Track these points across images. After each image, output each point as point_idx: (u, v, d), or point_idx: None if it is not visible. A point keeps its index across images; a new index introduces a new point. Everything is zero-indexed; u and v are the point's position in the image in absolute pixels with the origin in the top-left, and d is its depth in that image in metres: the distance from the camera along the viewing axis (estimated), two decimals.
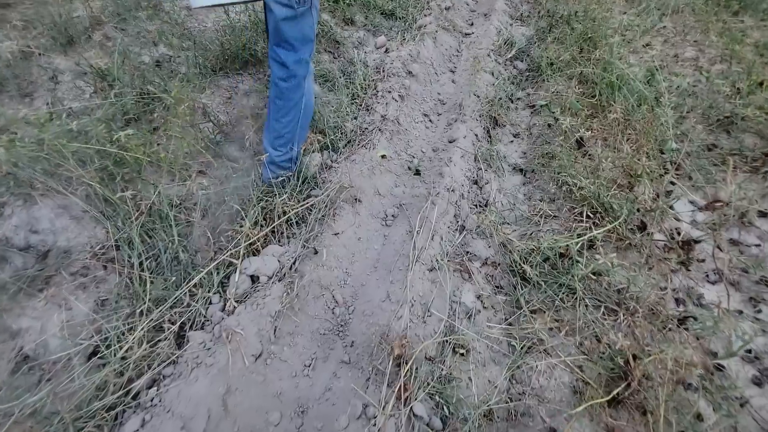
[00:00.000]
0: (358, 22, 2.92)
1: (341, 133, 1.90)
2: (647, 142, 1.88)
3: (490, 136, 2.06)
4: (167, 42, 2.31)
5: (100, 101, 1.64)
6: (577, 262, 1.31)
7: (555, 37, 2.83)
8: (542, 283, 1.33)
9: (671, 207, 1.78)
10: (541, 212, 1.60)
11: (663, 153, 1.92)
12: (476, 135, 2.01)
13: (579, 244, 1.37)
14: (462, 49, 2.87)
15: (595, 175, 1.64)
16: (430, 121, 2.16)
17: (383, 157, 1.70)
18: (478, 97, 2.26)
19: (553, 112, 2.01)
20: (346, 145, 1.83)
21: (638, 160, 1.70)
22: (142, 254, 1.29)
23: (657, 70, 2.56)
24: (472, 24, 3.31)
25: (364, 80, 2.23)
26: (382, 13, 3.17)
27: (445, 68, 2.61)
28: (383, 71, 2.20)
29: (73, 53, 2.21)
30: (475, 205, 1.68)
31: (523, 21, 3.29)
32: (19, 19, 2.20)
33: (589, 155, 1.84)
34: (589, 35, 2.58)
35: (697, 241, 1.41)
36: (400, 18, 3.16)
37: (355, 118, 2.02)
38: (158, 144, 1.52)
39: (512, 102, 2.41)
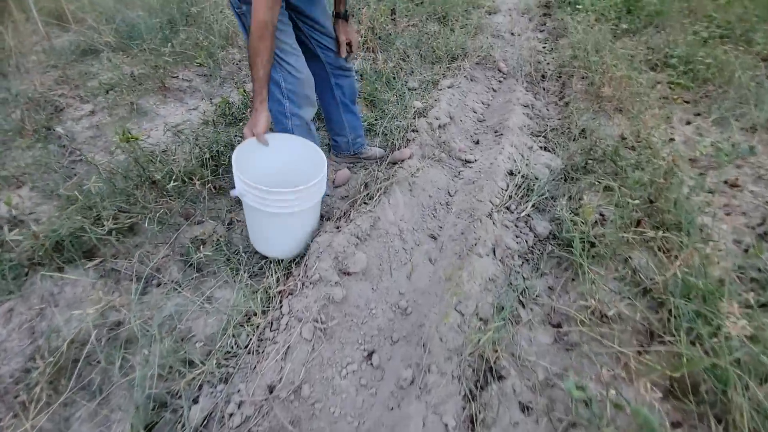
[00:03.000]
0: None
1: None
2: None
3: (473, 421, 1.11)
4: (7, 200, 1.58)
5: None
6: None
7: (595, 181, 1.92)
8: None
9: None
10: None
11: None
12: (446, 425, 1.07)
13: None
14: (456, 190, 2.00)
15: None
16: (372, 364, 1.24)
17: None
18: (463, 314, 1.34)
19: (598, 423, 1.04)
20: None
21: None
22: None
23: None
24: (477, 142, 2.47)
25: (277, 282, 1.38)
26: None
27: (423, 232, 1.73)
28: (301, 277, 1.33)
29: None
30: None
31: (548, 141, 2.42)
32: None
33: None
34: (652, 194, 1.65)
35: None
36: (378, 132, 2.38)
37: (225, 380, 1.14)
38: None
39: (523, 306, 1.47)
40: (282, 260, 1.51)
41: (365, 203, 1.67)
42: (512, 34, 4.23)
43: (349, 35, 1.72)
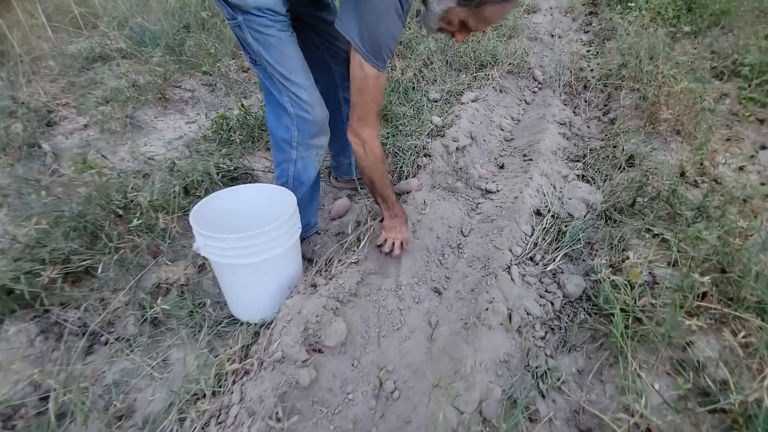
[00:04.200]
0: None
1: None
2: None
3: None
4: None
5: None
6: None
7: (644, 229, 1.56)
8: None
9: None
10: None
11: None
12: None
13: None
14: (470, 229, 1.70)
15: None
16: None
17: None
18: (461, 412, 1.04)
19: None
20: None
21: None
22: None
23: None
24: (502, 167, 2.14)
25: (237, 353, 1.14)
26: None
27: (426, 285, 1.45)
28: (260, 354, 1.08)
29: None
30: None
31: (588, 168, 2.05)
32: None
33: None
34: (723, 258, 1.27)
35: None
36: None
37: None
38: None
39: (543, 396, 1.15)
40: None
41: (354, 250, 1.41)
42: (552, 36, 3.81)
43: None
